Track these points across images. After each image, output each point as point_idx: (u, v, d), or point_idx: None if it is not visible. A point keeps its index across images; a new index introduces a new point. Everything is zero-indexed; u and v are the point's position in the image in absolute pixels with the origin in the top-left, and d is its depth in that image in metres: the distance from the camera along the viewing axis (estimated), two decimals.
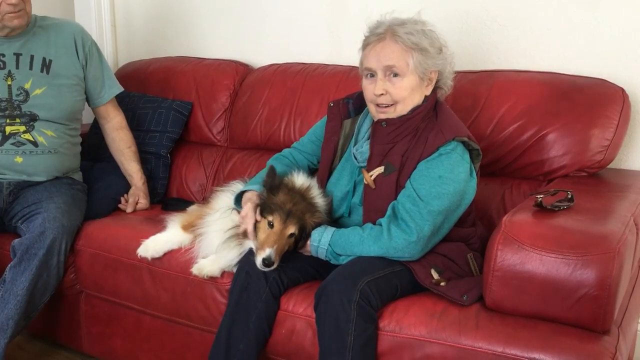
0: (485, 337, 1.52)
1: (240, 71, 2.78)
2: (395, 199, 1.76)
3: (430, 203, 1.69)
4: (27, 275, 2.06)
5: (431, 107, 1.82)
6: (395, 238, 1.69)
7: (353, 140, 1.93)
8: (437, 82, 1.83)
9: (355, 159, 1.88)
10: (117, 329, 2.25)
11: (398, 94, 1.77)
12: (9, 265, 2.10)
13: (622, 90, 2.03)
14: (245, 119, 2.65)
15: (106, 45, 3.30)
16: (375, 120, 1.84)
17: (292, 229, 1.78)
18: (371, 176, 1.80)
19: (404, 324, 1.61)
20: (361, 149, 1.87)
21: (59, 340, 2.45)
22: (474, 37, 2.37)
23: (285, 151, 2.12)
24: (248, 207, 1.83)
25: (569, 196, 1.65)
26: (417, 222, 1.68)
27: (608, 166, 2.04)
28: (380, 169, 1.80)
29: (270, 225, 1.78)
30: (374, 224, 1.76)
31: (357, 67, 2.50)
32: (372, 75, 1.80)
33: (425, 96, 1.82)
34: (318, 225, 1.81)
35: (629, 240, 1.50)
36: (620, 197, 1.80)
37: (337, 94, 2.32)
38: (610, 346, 1.45)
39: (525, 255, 1.48)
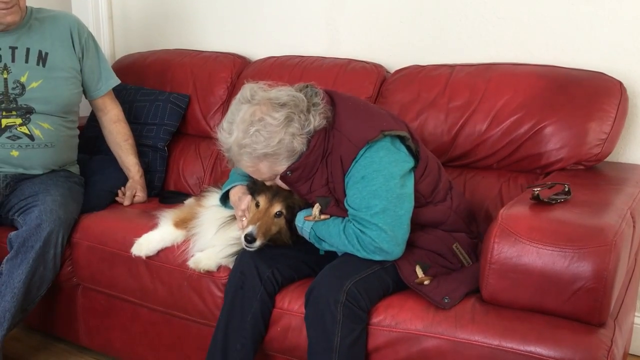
0: (481, 331, 1.52)
1: (237, 64, 2.77)
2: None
3: (370, 208, 1.64)
4: (24, 268, 2.06)
5: (324, 131, 1.70)
6: (364, 244, 1.66)
7: None
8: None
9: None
10: (114, 322, 2.25)
11: (270, 177, 1.74)
12: (6, 258, 2.09)
13: (620, 83, 2.02)
14: None
15: (103, 38, 3.28)
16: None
17: (278, 207, 1.79)
18: (319, 216, 1.75)
19: (399, 318, 1.61)
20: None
21: (56, 332, 2.45)
22: (471, 30, 2.36)
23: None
24: (248, 199, 1.85)
25: (566, 189, 1.64)
26: (370, 233, 1.64)
27: (605, 159, 2.03)
28: (317, 207, 1.75)
29: (257, 205, 1.82)
30: None
31: (355, 60, 2.52)
32: None
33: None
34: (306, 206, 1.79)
35: (626, 233, 1.50)
36: (617, 190, 1.79)
37: (335, 87, 2.31)
38: (606, 339, 1.46)
39: (521, 248, 1.48)
